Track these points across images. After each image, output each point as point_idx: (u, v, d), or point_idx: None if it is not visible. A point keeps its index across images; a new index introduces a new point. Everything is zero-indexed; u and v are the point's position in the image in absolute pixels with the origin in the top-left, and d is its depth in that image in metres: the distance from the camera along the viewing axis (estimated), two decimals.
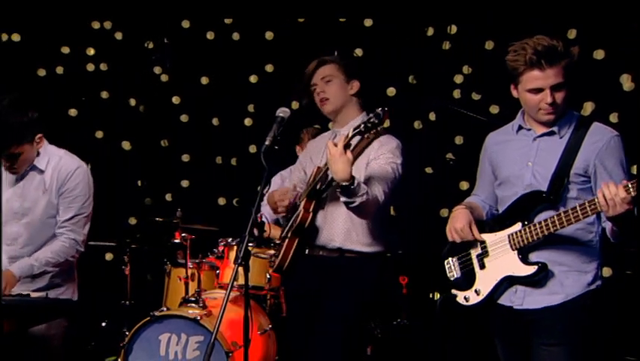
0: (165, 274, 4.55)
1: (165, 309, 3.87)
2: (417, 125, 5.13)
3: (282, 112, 2.87)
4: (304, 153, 3.47)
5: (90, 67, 5.30)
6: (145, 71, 5.31)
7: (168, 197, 5.40)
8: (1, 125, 2.92)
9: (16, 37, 5.20)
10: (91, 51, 5.30)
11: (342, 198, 2.89)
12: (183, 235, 4.31)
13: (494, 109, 4.94)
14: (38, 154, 3.13)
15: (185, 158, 5.39)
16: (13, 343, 2.84)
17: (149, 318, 3.69)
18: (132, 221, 5.40)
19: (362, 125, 2.77)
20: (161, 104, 5.34)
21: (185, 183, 5.40)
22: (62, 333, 3.13)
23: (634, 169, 2.84)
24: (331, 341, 3.04)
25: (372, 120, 2.76)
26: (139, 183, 5.40)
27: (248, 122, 5.36)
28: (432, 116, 5.11)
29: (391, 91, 5.17)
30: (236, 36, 5.29)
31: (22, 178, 3.13)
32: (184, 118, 5.38)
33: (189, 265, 4.26)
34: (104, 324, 4.80)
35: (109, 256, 5.29)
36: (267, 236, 3.82)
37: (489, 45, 4.92)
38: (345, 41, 5.05)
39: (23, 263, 3.03)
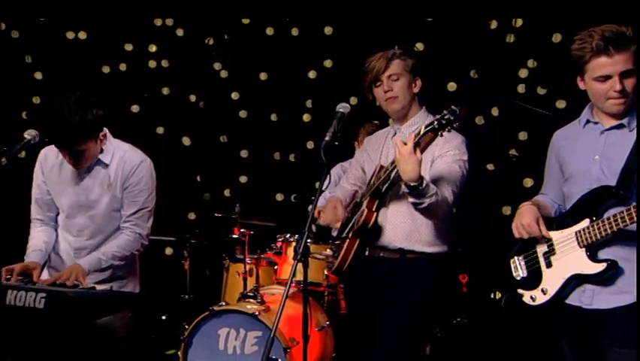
0: (224, 269, 4.63)
1: (224, 304, 3.94)
2: (479, 120, 5.07)
3: (342, 107, 2.87)
4: (361, 149, 3.44)
5: (152, 64, 5.42)
6: (205, 68, 5.40)
7: (227, 192, 5.47)
8: (65, 124, 3.01)
9: (82, 35, 5.37)
10: (153, 48, 5.42)
11: (411, 200, 2.86)
12: (242, 230, 4.38)
13: (561, 104, 4.83)
14: (102, 150, 3.21)
15: (244, 154, 5.46)
16: (81, 334, 2.95)
17: (208, 312, 3.77)
18: (191, 216, 5.49)
19: (435, 122, 2.71)
20: (220, 100, 5.43)
21: (243, 179, 5.47)
22: (127, 325, 3.21)
23: None
24: (393, 343, 3.02)
25: (447, 117, 2.68)
26: (198, 178, 5.48)
27: (306, 117, 5.40)
28: (494, 112, 5.04)
29: (452, 86, 5.12)
30: (295, 31, 5.33)
31: (88, 172, 3.23)
32: (243, 114, 5.45)
33: (247, 260, 4.32)
34: (164, 318, 4.94)
35: (169, 251, 5.40)
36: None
37: (556, 38, 4.81)
38: (404, 35, 5.02)
39: (91, 258, 3.12)
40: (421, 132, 2.76)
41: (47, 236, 3.27)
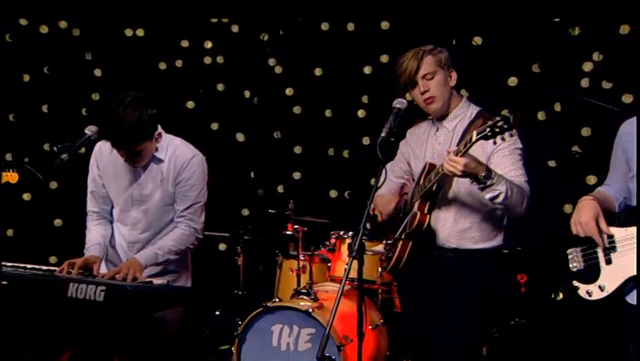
0: (277, 265, 4.66)
1: (277, 300, 3.97)
2: (540, 116, 4.96)
3: (399, 103, 2.86)
4: (404, 142, 3.37)
5: (207, 60, 5.47)
6: (260, 64, 5.43)
7: (280, 189, 5.50)
8: (122, 125, 3.07)
9: (140, 33, 5.48)
10: (208, 44, 5.48)
11: (487, 196, 2.84)
12: (295, 226, 4.41)
13: (627, 98, 4.68)
14: (157, 149, 3.28)
15: (298, 150, 5.48)
16: (137, 328, 3.02)
17: (261, 309, 3.81)
18: (245, 212, 5.54)
19: (488, 130, 2.67)
20: (274, 96, 5.45)
21: (297, 175, 5.48)
22: (179, 320, 3.28)
23: None
24: (449, 340, 3.01)
25: (499, 124, 2.64)
26: (252, 174, 5.52)
27: (361, 113, 5.38)
28: (557, 107, 4.92)
29: (513, 81, 5.02)
30: (350, 26, 5.31)
31: (143, 168, 3.30)
32: (297, 110, 5.46)
33: (301, 257, 4.35)
34: (217, 313, 5.01)
35: (222, 247, 5.46)
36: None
37: (624, 30, 4.67)
38: (463, 29, 4.95)
39: (148, 252, 3.19)
40: (473, 140, 2.73)
41: (104, 230, 3.36)
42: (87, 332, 3.04)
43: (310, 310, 3.71)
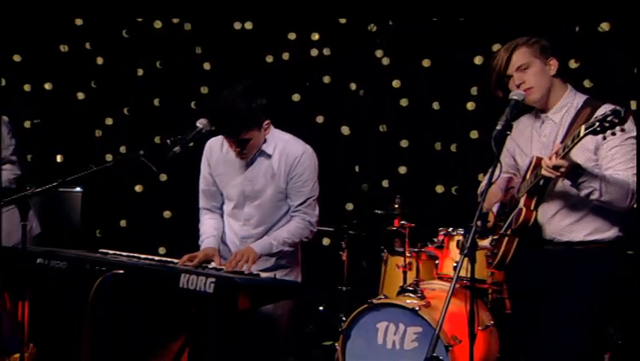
0: (382, 261, 4.65)
1: (383, 297, 3.98)
2: None
3: (517, 95, 2.78)
4: (509, 138, 3.30)
5: (314, 52, 5.52)
6: (367, 55, 5.41)
7: (385, 183, 5.47)
8: (231, 112, 3.16)
9: (248, 26, 5.58)
10: (315, 36, 5.52)
11: (582, 193, 2.78)
12: (402, 222, 4.39)
13: None
14: (265, 140, 3.34)
15: (404, 143, 5.42)
16: (246, 321, 3.11)
17: (367, 305, 3.82)
18: (349, 207, 5.54)
19: (597, 125, 2.56)
20: (381, 89, 5.42)
21: (402, 170, 5.44)
22: (288, 314, 3.34)
23: None
24: (563, 343, 2.90)
25: (609, 119, 2.53)
26: (357, 168, 5.52)
27: (470, 106, 5.27)
28: None
29: None
30: (460, 16, 5.21)
31: (252, 163, 3.37)
32: (404, 102, 5.40)
33: (407, 253, 4.32)
34: (321, 308, 5.05)
35: (326, 242, 5.48)
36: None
37: None
38: (586, 14, 4.72)
39: (263, 242, 3.28)
40: (580, 135, 2.63)
41: (217, 224, 3.47)
42: (198, 323, 3.16)
43: (417, 308, 3.68)
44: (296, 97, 5.60)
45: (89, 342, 3.03)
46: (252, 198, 3.37)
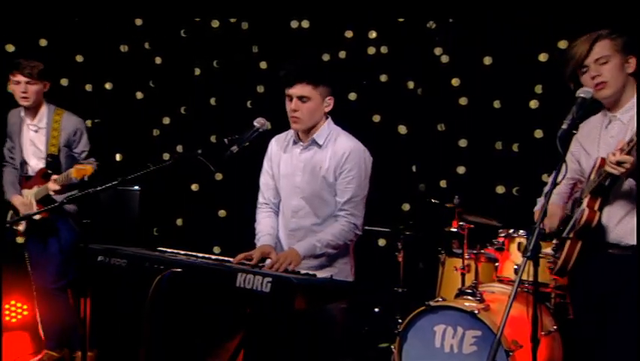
0: (439, 263, 4.63)
1: (440, 299, 3.93)
2: None
3: (584, 92, 2.71)
4: (573, 141, 3.22)
5: (371, 50, 5.50)
6: (425, 53, 5.37)
7: (443, 184, 5.42)
8: (302, 60, 3.26)
9: (305, 24, 5.60)
10: (373, 34, 5.51)
11: None
12: (461, 223, 4.33)
13: None
14: (320, 131, 3.33)
15: (463, 143, 5.37)
16: (302, 321, 3.12)
17: (424, 307, 3.78)
18: (405, 207, 5.52)
19: None
20: (439, 87, 5.37)
21: (461, 170, 5.39)
22: (344, 315, 3.34)
23: None
24: (629, 350, 2.82)
25: None
26: (413, 168, 5.48)
27: (533, 104, 5.17)
28: None
29: None
30: (524, 12, 5.10)
31: (304, 153, 3.39)
32: (463, 101, 5.34)
33: (466, 255, 4.28)
34: (376, 310, 5.04)
35: (382, 242, 5.47)
36: None
37: None
38: None
39: (306, 243, 3.28)
40: None
41: (273, 221, 3.50)
42: (254, 322, 3.19)
43: (476, 311, 3.63)
44: (352, 96, 5.60)
45: (147, 340, 3.09)
46: (301, 190, 3.39)
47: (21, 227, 4.59)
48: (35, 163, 4.59)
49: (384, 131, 5.50)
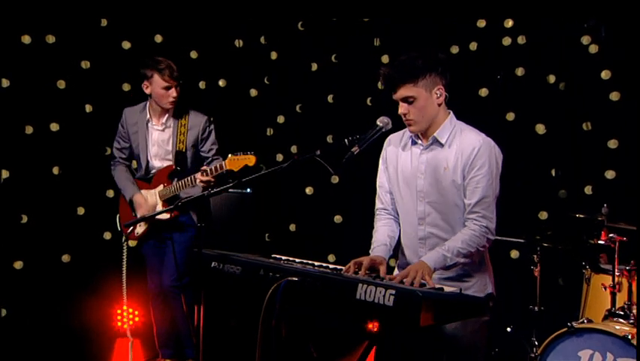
0: (583, 279, 4.49)
1: (586, 321, 3.83)
2: None
3: None
4: None
5: (506, 41, 5.41)
6: (570, 43, 5.23)
7: (588, 190, 5.27)
8: (401, 59, 3.20)
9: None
10: (509, 23, 5.41)
11: None
12: (611, 235, 4.18)
13: None
14: (441, 128, 3.27)
15: (612, 144, 5.20)
16: (427, 339, 3.06)
17: (566, 329, 3.71)
18: (543, 215, 5.38)
19: None
20: (586, 81, 5.22)
21: (610, 174, 5.21)
22: (474, 334, 3.24)
23: None
24: None
25: None
26: (553, 172, 5.36)
27: None
28: None
29: None
30: None
31: (424, 153, 3.32)
32: (614, 96, 5.17)
33: (617, 271, 4.13)
34: (509, 329, 4.91)
35: (515, 254, 5.38)
36: None
37: None
38: None
39: (436, 255, 3.20)
40: None
41: (391, 230, 3.46)
42: (375, 338, 3.16)
43: (630, 336, 3.47)
44: (484, 92, 5.51)
45: (261, 351, 3.13)
46: (425, 193, 3.32)
47: (140, 229, 4.80)
48: (159, 164, 4.81)
49: (520, 131, 5.41)
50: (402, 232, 3.47)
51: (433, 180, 3.31)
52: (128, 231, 4.81)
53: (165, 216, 4.61)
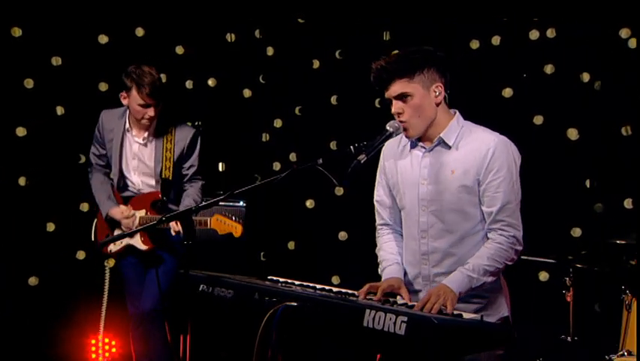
0: (624, 306, 4.46)
1: (626, 354, 3.82)
2: None
3: None
4: None
5: (533, 34, 5.44)
6: (608, 37, 5.25)
7: (627, 204, 5.29)
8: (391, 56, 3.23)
9: None
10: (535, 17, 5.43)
11: None
12: None
13: None
14: (447, 128, 3.28)
15: None
16: None
17: None
18: (576, 233, 5.40)
19: None
20: (625, 80, 5.24)
21: None
22: None
23: None
24: None
25: None
26: (587, 183, 5.39)
27: None
28: None
29: None
30: None
31: (428, 156, 3.32)
32: None
33: None
34: None
35: (543, 276, 5.40)
36: None
37: None
38: None
39: (459, 276, 3.18)
40: None
41: (398, 246, 3.47)
42: None
43: None
44: (507, 92, 5.53)
45: None
46: (428, 201, 3.32)
47: (114, 247, 4.82)
48: (139, 180, 4.84)
49: (549, 136, 5.43)
50: (404, 246, 3.47)
51: (437, 186, 3.30)
52: (105, 249, 4.84)
53: (143, 247, 4.75)
